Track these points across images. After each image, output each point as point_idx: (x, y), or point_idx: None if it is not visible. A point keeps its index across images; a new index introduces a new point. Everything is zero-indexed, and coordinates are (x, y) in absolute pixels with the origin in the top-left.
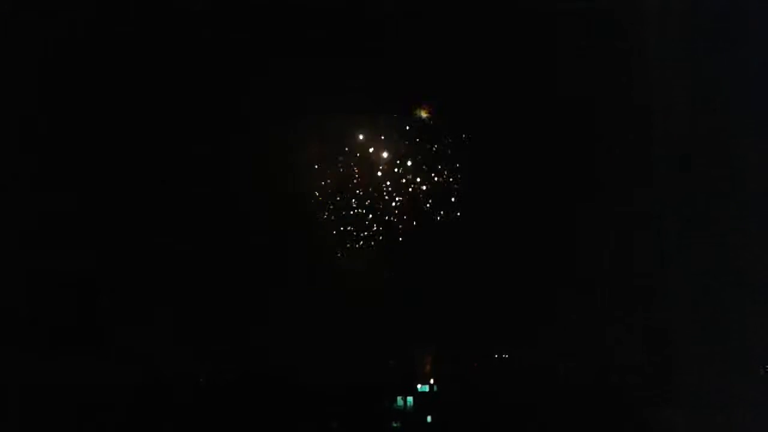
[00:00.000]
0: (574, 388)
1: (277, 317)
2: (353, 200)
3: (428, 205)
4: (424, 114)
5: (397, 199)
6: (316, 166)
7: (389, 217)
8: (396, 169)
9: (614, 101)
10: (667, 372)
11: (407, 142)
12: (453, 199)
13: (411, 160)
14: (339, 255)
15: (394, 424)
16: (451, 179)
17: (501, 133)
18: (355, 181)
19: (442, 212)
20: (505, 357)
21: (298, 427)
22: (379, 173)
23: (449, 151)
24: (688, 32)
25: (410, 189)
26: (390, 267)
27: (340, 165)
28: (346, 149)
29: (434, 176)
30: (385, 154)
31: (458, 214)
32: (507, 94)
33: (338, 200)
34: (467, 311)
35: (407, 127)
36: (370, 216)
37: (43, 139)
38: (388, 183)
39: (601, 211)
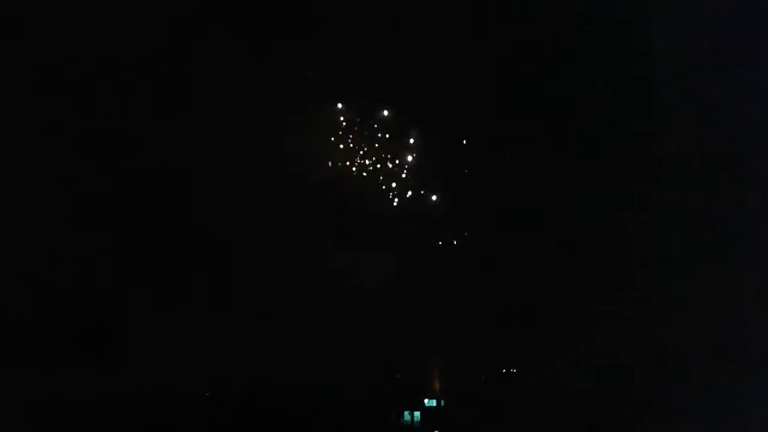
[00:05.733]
0: (581, 404)
1: (284, 331)
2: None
3: (438, 223)
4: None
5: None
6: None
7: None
8: (402, 183)
9: (616, 103)
10: (677, 389)
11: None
12: (462, 216)
13: (417, 172)
14: (346, 270)
15: None
16: (461, 195)
17: (505, 141)
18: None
19: (451, 230)
20: (512, 372)
21: None
22: (384, 185)
23: (457, 166)
24: (692, 34)
25: (419, 206)
26: (398, 282)
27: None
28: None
29: (445, 193)
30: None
31: (467, 231)
32: (508, 95)
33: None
34: (475, 326)
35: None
36: (378, 231)
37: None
38: (396, 198)
39: (609, 231)
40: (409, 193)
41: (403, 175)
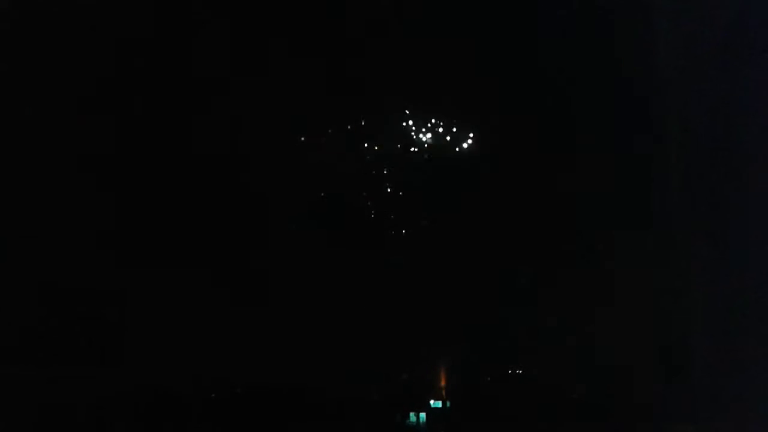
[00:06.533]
0: (582, 404)
1: (288, 331)
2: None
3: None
4: None
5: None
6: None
7: (403, 232)
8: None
9: (615, 103)
10: (677, 389)
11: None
12: (463, 217)
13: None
14: (351, 269)
15: None
16: (461, 195)
17: (504, 141)
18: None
19: (456, 230)
20: (518, 373)
21: None
22: (391, 189)
23: (458, 166)
24: (693, 34)
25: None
26: (403, 282)
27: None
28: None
29: (446, 193)
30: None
31: (473, 231)
32: (506, 95)
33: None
34: (481, 326)
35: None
36: (384, 231)
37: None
38: (397, 198)
39: (608, 230)
40: (411, 193)
41: (404, 176)
